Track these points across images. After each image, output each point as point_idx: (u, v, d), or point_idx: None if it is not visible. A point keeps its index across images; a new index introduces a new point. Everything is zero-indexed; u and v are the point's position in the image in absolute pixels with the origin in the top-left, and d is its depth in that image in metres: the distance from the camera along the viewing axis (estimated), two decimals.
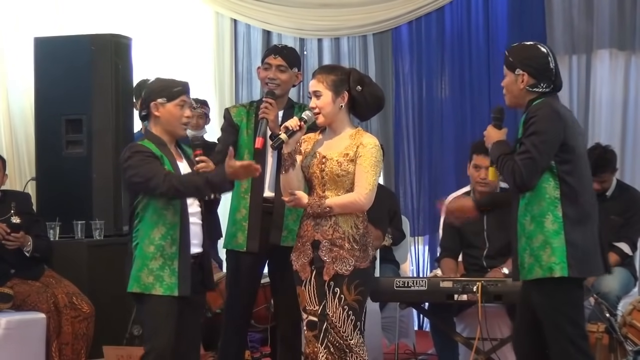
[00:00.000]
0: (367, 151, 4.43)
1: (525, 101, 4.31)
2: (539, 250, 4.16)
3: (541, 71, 4.27)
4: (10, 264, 5.98)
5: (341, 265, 4.37)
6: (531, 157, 4.15)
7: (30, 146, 7.62)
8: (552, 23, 8.07)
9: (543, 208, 4.18)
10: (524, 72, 4.27)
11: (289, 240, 4.98)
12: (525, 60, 4.28)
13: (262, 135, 4.96)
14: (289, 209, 4.94)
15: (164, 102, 4.47)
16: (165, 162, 4.42)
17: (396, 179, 8.47)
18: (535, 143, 4.15)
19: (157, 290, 4.35)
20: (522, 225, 4.23)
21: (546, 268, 4.14)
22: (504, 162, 4.25)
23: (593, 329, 5.56)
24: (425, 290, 5.37)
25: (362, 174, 4.40)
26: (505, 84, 4.37)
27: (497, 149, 4.33)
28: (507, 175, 4.23)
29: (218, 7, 8.82)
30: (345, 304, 4.36)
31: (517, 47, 4.40)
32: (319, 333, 4.36)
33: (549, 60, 4.28)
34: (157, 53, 8.47)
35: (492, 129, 4.43)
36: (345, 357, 4.36)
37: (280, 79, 5.09)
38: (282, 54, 5.14)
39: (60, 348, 5.89)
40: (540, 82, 4.27)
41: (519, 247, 4.24)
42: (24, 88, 7.83)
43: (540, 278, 4.16)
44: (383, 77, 8.53)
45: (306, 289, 4.45)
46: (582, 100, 7.99)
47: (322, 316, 4.37)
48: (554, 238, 4.15)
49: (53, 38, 6.94)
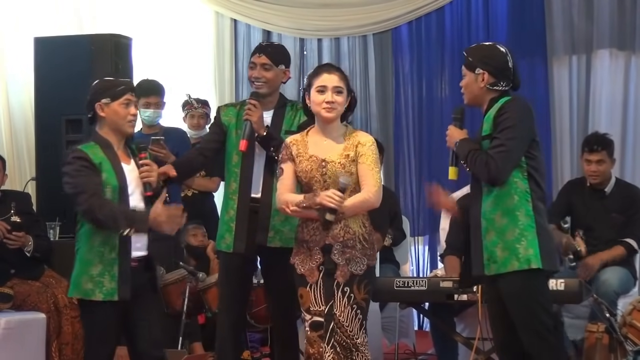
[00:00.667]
0: (367, 149, 4.43)
1: (485, 100, 4.36)
2: (514, 243, 4.21)
3: (500, 70, 4.32)
4: (11, 264, 5.98)
5: (355, 266, 4.38)
6: (506, 150, 4.21)
7: (30, 146, 7.63)
8: (552, 23, 8.07)
9: (516, 202, 4.23)
10: (484, 71, 4.32)
11: (275, 241, 5.00)
12: (485, 60, 4.34)
13: (247, 138, 4.94)
14: (276, 210, 4.92)
15: (108, 102, 4.46)
16: (105, 167, 4.39)
17: (396, 179, 8.47)
18: (509, 137, 4.21)
19: (97, 296, 4.37)
20: (491, 221, 4.26)
21: (524, 260, 4.19)
22: (475, 156, 4.28)
23: (593, 329, 5.56)
24: (425, 290, 5.38)
25: (367, 172, 4.40)
26: (465, 83, 4.41)
27: (465, 146, 4.36)
28: (480, 168, 4.26)
29: (218, 7, 8.83)
30: (354, 303, 4.37)
31: (476, 47, 4.48)
32: (325, 333, 4.35)
33: (508, 59, 4.34)
34: (157, 53, 8.47)
35: (454, 128, 4.48)
36: (351, 356, 4.36)
37: (266, 77, 5.06)
38: (266, 52, 5.11)
39: (60, 348, 5.89)
40: (500, 81, 4.32)
41: (487, 242, 4.27)
42: (24, 88, 7.84)
43: (515, 270, 4.20)
44: (383, 77, 8.54)
45: (312, 290, 4.41)
46: (582, 100, 7.99)
47: (329, 316, 4.35)
48: (529, 231, 4.21)
49: (53, 38, 6.94)
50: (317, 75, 4.45)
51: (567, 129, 8.04)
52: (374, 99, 8.58)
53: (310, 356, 4.40)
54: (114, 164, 4.44)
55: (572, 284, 5.22)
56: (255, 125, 4.94)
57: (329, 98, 4.39)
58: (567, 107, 8.06)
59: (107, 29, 7.38)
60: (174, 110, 7.41)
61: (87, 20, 8.28)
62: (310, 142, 4.48)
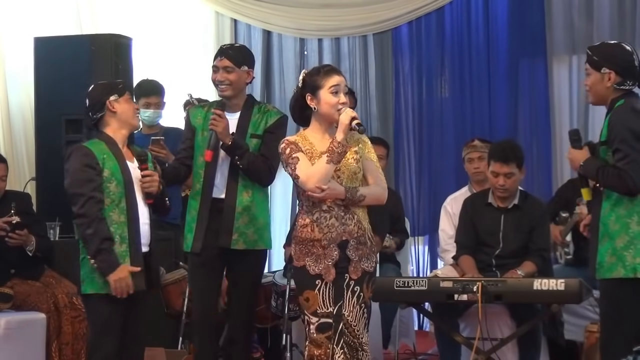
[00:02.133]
0: (370, 147, 4.51)
1: (609, 100, 4.34)
2: (622, 251, 4.21)
3: (627, 69, 4.31)
4: (11, 263, 5.98)
5: (367, 262, 4.42)
6: (631, 160, 4.19)
7: (29, 146, 7.63)
8: (552, 23, 8.07)
9: (629, 209, 4.23)
10: (610, 70, 4.30)
11: (240, 243, 5.02)
12: (612, 59, 4.31)
13: (212, 148, 4.98)
14: (240, 212, 5.00)
15: (116, 99, 4.66)
16: (110, 163, 4.54)
17: (396, 179, 8.46)
18: (631, 145, 4.19)
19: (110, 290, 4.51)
20: (606, 225, 4.27)
21: (630, 269, 4.20)
22: (605, 173, 4.25)
23: (593, 329, 5.56)
24: (425, 290, 5.37)
25: (374, 169, 4.48)
26: (591, 83, 4.38)
27: (592, 165, 4.34)
28: (615, 181, 4.23)
29: (218, 7, 8.82)
30: (363, 302, 4.39)
31: (602, 46, 4.46)
32: (334, 334, 4.35)
33: (634, 58, 4.33)
34: (157, 53, 8.47)
35: (574, 151, 4.46)
36: (357, 356, 4.38)
37: (229, 80, 5.06)
38: (227, 55, 5.10)
39: (60, 348, 5.89)
40: (626, 80, 4.30)
41: (601, 247, 4.28)
42: (23, 88, 7.83)
43: (621, 278, 4.20)
44: (383, 77, 8.54)
45: (320, 292, 4.40)
46: (582, 100, 7.98)
47: (338, 317, 4.36)
48: (639, 239, 4.20)
49: (53, 38, 6.94)
50: (327, 77, 4.43)
51: (567, 129, 8.01)
52: (374, 99, 8.57)
53: (314, 357, 4.39)
54: (119, 159, 4.60)
55: (572, 284, 5.21)
56: (221, 135, 4.96)
57: (343, 99, 4.41)
58: (567, 107, 8.06)
59: (107, 29, 7.39)
60: (174, 110, 7.40)
61: (87, 20, 8.28)
62: (314, 140, 4.47)
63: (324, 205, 4.39)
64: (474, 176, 6.35)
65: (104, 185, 4.54)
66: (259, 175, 5.10)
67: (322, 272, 4.39)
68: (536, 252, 5.64)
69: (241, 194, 5.06)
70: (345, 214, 4.39)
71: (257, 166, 5.05)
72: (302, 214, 4.48)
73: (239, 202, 5.05)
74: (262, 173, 5.10)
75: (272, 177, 5.23)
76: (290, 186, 7.66)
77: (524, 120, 8.22)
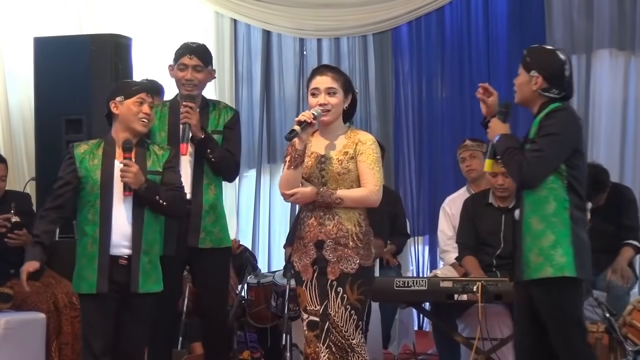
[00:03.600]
0: (367, 148, 4.44)
1: (535, 103, 4.31)
2: (549, 250, 4.17)
3: (556, 77, 4.27)
4: (11, 264, 5.97)
5: (346, 264, 4.37)
6: (542, 156, 4.17)
7: (29, 146, 7.63)
8: (552, 23, 8.07)
9: (553, 209, 4.19)
10: (538, 75, 4.27)
11: (207, 242, 4.98)
12: (542, 64, 4.28)
13: (187, 141, 4.92)
14: (207, 211, 4.97)
15: (122, 100, 4.61)
16: (89, 163, 4.59)
17: (396, 179, 8.47)
18: (549, 144, 4.17)
19: (83, 289, 4.56)
20: (528, 225, 4.24)
21: (558, 267, 4.16)
22: (512, 155, 4.24)
23: (593, 329, 5.56)
24: (425, 290, 5.37)
25: (367, 171, 4.41)
26: (518, 83, 4.36)
27: (505, 142, 4.31)
28: (514, 168, 4.23)
29: (218, 7, 8.83)
30: (348, 304, 4.36)
31: (537, 49, 4.43)
32: (321, 333, 4.36)
33: (565, 68, 4.29)
34: (157, 53, 8.46)
35: (497, 121, 4.40)
36: (347, 357, 4.36)
37: (198, 79, 5.03)
38: (197, 53, 5.05)
39: (60, 348, 5.89)
40: (553, 88, 4.27)
41: (524, 247, 4.24)
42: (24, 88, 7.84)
43: (549, 277, 4.17)
44: (383, 77, 8.54)
45: (307, 289, 4.43)
46: (582, 100, 7.98)
47: (324, 316, 4.36)
48: (564, 239, 4.17)
49: (53, 38, 6.94)
50: (311, 79, 4.49)
51: None
52: (374, 99, 8.58)
53: (308, 356, 4.40)
54: (105, 160, 4.60)
55: None
56: (194, 127, 4.91)
57: (321, 100, 4.40)
58: None
59: (107, 29, 7.38)
60: None
61: (87, 20, 8.29)
62: (313, 140, 4.49)
63: (310, 204, 4.42)
64: (467, 174, 6.37)
65: (82, 186, 4.59)
66: (228, 169, 5.08)
67: (300, 269, 4.44)
68: None
69: (207, 192, 5.01)
70: (325, 214, 4.39)
71: (227, 160, 5.02)
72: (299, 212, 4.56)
73: (205, 201, 4.99)
74: (231, 167, 5.08)
75: (238, 172, 5.25)
76: None
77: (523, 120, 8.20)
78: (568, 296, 4.19)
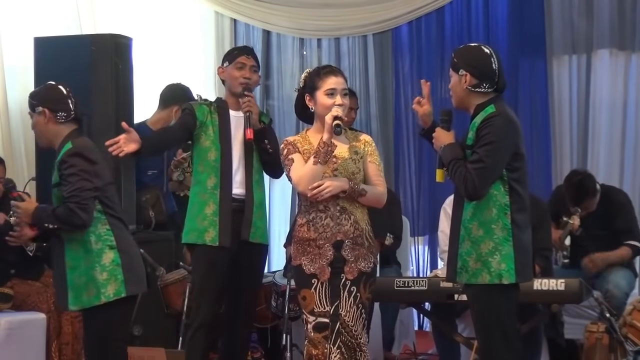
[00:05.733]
0: (373, 149, 4.54)
1: (470, 103, 4.32)
2: (487, 257, 4.19)
3: (483, 72, 4.27)
4: (11, 264, 5.98)
5: (364, 263, 4.43)
6: (485, 167, 4.17)
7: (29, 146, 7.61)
8: (552, 23, 8.06)
9: (493, 215, 4.20)
10: (466, 72, 4.27)
11: (256, 237, 5.12)
12: (468, 61, 4.29)
13: (250, 126, 5.07)
14: (257, 206, 5.10)
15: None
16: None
17: (396, 179, 8.47)
18: (489, 153, 4.16)
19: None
20: (468, 230, 4.24)
21: (495, 275, 4.18)
22: (455, 167, 4.24)
23: (593, 329, 5.58)
24: (425, 290, 5.38)
25: (376, 171, 4.51)
26: (452, 85, 4.38)
27: (449, 153, 4.31)
28: (459, 181, 4.23)
29: (218, 7, 8.83)
30: (360, 302, 4.40)
31: (462, 49, 4.44)
32: (331, 334, 4.36)
33: (492, 61, 4.29)
34: (157, 53, 8.47)
35: (441, 131, 4.42)
36: (355, 356, 4.38)
37: (253, 79, 5.23)
38: (254, 55, 5.29)
39: (60, 348, 5.90)
40: (482, 83, 4.27)
41: (462, 251, 4.25)
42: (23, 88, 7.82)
43: (486, 284, 4.19)
44: (383, 77, 8.54)
45: (316, 291, 4.42)
46: (582, 100, 7.98)
47: (335, 317, 4.37)
48: (504, 245, 4.18)
49: (53, 38, 6.93)
50: (324, 78, 4.46)
51: (567, 129, 8.02)
52: (374, 99, 8.57)
53: (313, 357, 4.39)
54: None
55: (572, 284, 5.22)
56: (255, 116, 5.09)
57: (339, 101, 4.41)
58: (567, 107, 8.05)
59: (107, 29, 7.37)
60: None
61: (87, 20, 8.27)
62: (314, 141, 4.49)
63: (320, 205, 4.41)
64: None
65: None
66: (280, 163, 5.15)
67: (316, 271, 4.41)
68: (538, 252, 5.63)
69: (257, 189, 5.19)
70: (342, 214, 4.41)
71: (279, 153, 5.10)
72: (300, 214, 4.53)
73: (256, 197, 5.17)
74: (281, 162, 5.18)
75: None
76: (289, 186, 7.65)
77: (523, 120, 8.19)
78: (499, 303, 4.20)
